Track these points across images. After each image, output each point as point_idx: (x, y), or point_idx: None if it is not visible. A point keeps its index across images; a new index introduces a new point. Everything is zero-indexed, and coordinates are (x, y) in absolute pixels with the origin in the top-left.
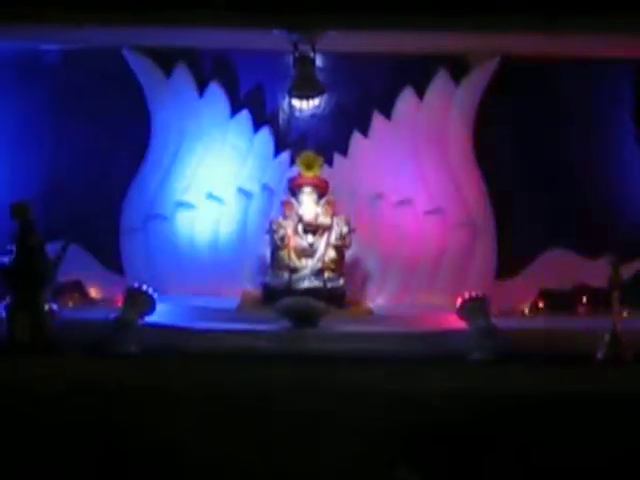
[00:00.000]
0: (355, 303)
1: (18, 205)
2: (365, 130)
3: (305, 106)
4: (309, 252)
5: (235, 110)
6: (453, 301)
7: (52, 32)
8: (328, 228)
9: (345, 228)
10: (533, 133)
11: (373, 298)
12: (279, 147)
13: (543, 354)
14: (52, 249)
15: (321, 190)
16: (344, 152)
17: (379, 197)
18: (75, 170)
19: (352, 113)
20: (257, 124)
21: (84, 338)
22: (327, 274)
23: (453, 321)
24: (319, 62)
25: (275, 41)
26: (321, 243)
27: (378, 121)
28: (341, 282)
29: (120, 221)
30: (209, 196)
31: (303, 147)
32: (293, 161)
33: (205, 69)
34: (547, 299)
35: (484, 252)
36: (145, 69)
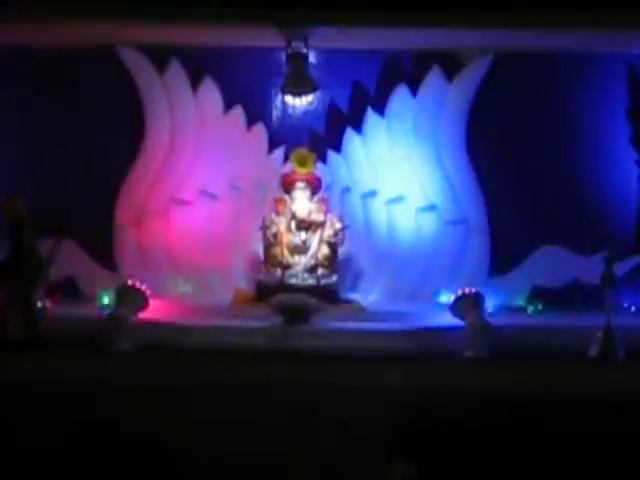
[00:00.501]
0: (348, 300)
1: (10, 200)
2: (358, 127)
3: (298, 103)
4: (302, 249)
5: (228, 106)
6: (446, 298)
7: (47, 29)
8: (321, 225)
9: (338, 225)
10: (526, 130)
11: (366, 295)
12: (272, 144)
13: (536, 351)
14: (45, 245)
15: (314, 187)
16: (337, 149)
17: (372, 194)
18: (68, 166)
19: (345, 110)
20: (250, 121)
21: (77, 335)
22: (320, 271)
23: (446, 318)
24: (312, 59)
25: (268, 38)
26: (314, 240)
27: (371, 118)
28: (334, 279)
29: (113, 217)
30: (202, 192)
31: (296, 144)
32: (286, 158)
33: (199, 65)
34: (540, 296)
35: (477, 249)
36: (139, 65)
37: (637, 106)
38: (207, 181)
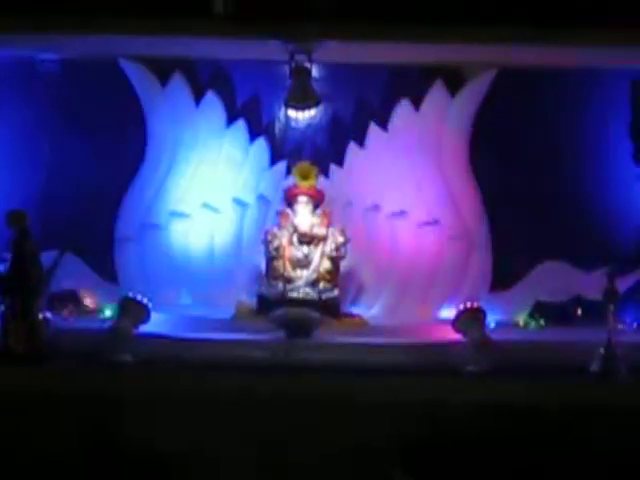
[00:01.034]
0: (349, 314)
1: (14, 213)
2: (361, 141)
3: (301, 117)
4: (304, 262)
5: (231, 120)
6: (448, 313)
7: (49, 41)
8: (323, 239)
9: (340, 239)
10: (529, 145)
11: (368, 309)
12: (275, 157)
13: (538, 366)
14: (47, 258)
15: (316, 200)
16: (340, 163)
17: (375, 208)
18: (70, 179)
19: (348, 124)
20: (253, 134)
21: (78, 347)
22: (322, 285)
23: (448, 333)
24: (315, 73)
25: (272, 51)
26: (316, 254)
27: (374, 132)
28: (336, 293)
29: (115, 230)
30: (204, 206)
31: (299, 157)
32: (289, 171)
33: (201, 79)
34: (542, 311)
35: (479, 264)
36: (141, 78)
37: (639, 121)
38: (209, 194)
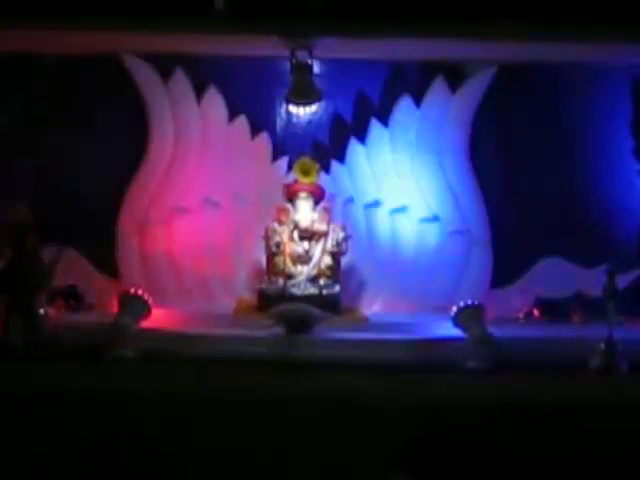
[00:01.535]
0: (350, 310)
1: (13, 207)
2: (362, 137)
3: (302, 113)
4: (305, 258)
5: (232, 116)
6: (448, 309)
7: (49, 37)
8: (324, 235)
9: (341, 235)
10: (530, 142)
11: (369, 305)
12: (276, 153)
13: (538, 363)
14: (48, 253)
15: (317, 197)
16: (341, 159)
17: (375, 204)
18: (72, 174)
19: (349, 120)
20: (254, 130)
21: (79, 343)
22: (323, 281)
23: (448, 329)
24: (316, 69)
25: (272, 48)
26: (317, 249)
27: (375, 128)
28: (337, 289)
29: (116, 226)
30: (205, 201)
31: (300, 154)
32: (290, 167)
33: (203, 75)
34: (543, 307)
35: (479, 260)
36: (142, 74)
37: None
38: (210, 190)
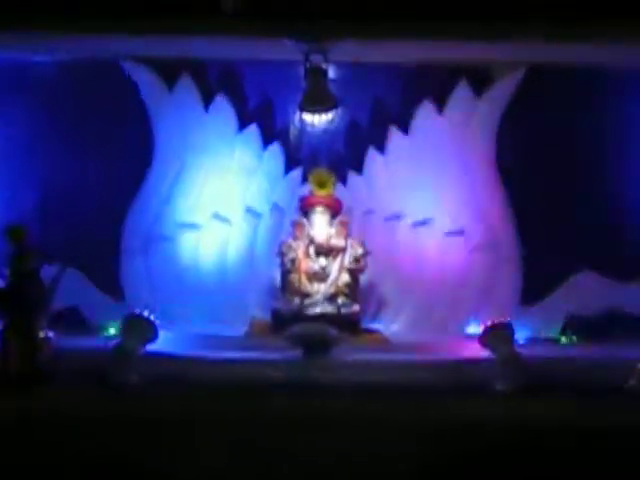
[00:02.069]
0: (370, 330)
1: (13, 228)
2: (381, 146)
3: (317, 121)
4: (321, 276)
5: (243, 125)
6: (475, 328)
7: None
8: (342, 250)
9: (360, 250)
10: (560, 149)
11: (389, 325)
12: (290, 164)
13: (571, 385)
14: (48, 273)
15: (334, 210)
16: (359, 169)
17: (396, 217)
18: (73, 189)
19: (367, 128)
20: (266, 139)
21: (82, 368)
22: (341, 299)
23: (475, 350)
24: (332, 74)
25: (285, 51)
26: (334, 266)
27: (395, 136)
28: (355, 308)
29: (120, 243)
30: (215, 216)
31: (315, 164)
32: (305, 179)
33: (211, 81)
34: (576, 326)
35: (508, 275)
36: (147, 81)
37: None
38: (220, 204)
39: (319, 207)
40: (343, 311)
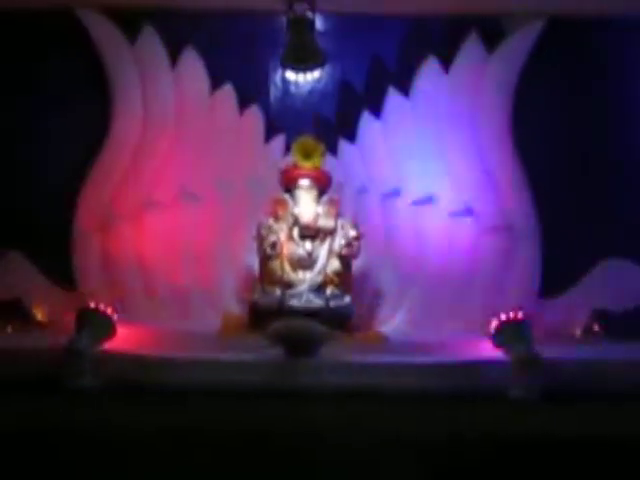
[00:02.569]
0: (364, 327)
1: None
2: (377, 110)
3: (302, 80)
4: (307, 262)
5: (215, 84)
6: (487, 324)
7: None
8: (331, 233)
9: (352, 233)
10: (586, 115)
11: (387, 321)
12: (270, 131)
13: (598, 390)
14: None
15: (322, 185)
16: (351, 138)
17: (395, 194)
18: (15, 160)
19: (361, 89)
20: (243, 102)
21: (27, 371)
22: (330, 290)
23: (487, 349)
24: (319, 25)
25: None
26: (322, 251)
27: (393, 99)
28: (347, 300)
29: (72, 224)
30: (182, 192)
31: (300, 131)
32: (288, 148)
33: (179, 33)
34: (603, 321)
35: (525, 263)
36: (104, 33)
37: None
38: (188, 178)
39: (304, 182)
40: (332, 304)
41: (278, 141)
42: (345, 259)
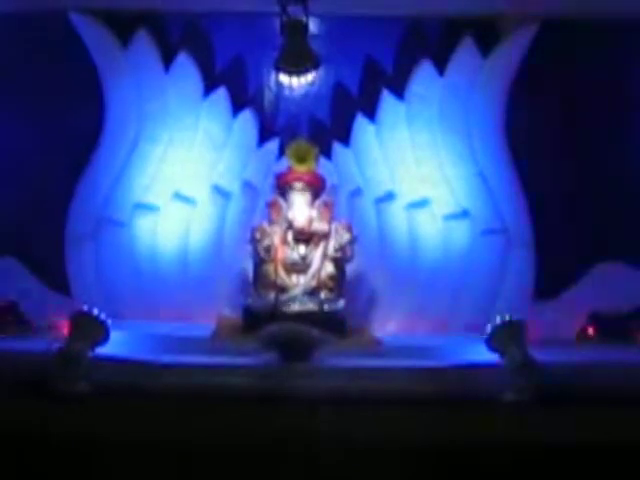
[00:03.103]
0: (358, 331)
1: None
2: (372, 113)
3: (296, 83)
4: (301, 266)
5: (209, 88)
6: (481, 328)
7: None
8: (325, 236)
9: (346, 236)
10: (580, 119)
11: (381, 324)
12: (264, 134)
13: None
14: None
15: (316, 188)
16: (345, 141)
17: (389, 197)
18: (8, 164)
19: (355, 92)
20: (237, 106)
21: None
22: (324, 294)
23: (481, 353)
24: (313, 28)
25: (259, 2)
26: (316, 255)
27: (388, 102)
28: (341, 304)
29: (65, 228)
30: (176, 196)
31: (294, 134)
32: (282, 152)
33: (172, 37)
34: (598, 324)
35: (520, 266)
36: (97, 37)
37: None
38: (182, 182)
39: (298, 185)
40: (326, 308)
41: (272, 145)
42: (339, 263)
